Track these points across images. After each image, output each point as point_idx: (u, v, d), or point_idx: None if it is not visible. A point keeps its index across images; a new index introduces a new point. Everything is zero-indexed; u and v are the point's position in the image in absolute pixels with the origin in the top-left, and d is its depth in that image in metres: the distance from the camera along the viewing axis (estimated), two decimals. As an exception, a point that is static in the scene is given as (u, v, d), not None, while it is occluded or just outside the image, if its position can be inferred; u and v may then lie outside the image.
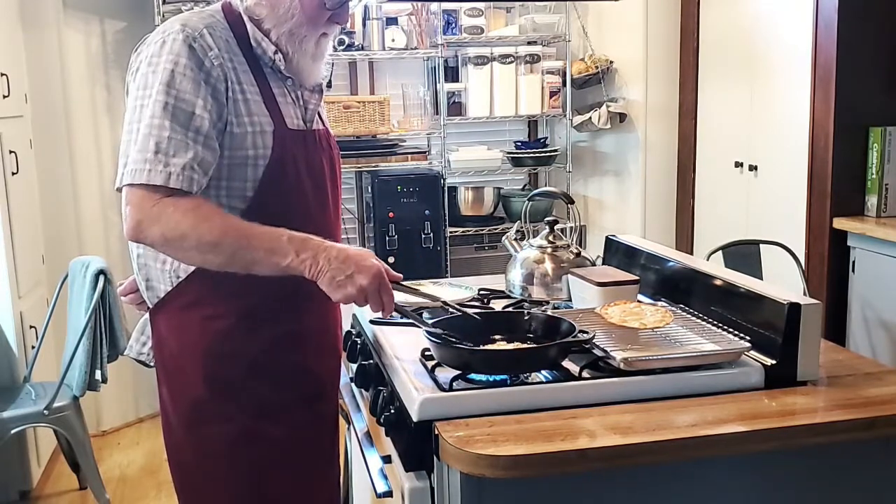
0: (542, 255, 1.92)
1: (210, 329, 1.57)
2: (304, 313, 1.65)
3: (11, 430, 2.93)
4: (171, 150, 1.45)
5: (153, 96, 1.47)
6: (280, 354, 1.61)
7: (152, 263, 1.59)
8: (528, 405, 1.39)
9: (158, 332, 1.63)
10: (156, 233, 1.45)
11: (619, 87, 4.31)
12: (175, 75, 1.47)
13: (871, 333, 3.09)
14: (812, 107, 3.28)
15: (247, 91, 1.54)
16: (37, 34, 3.66)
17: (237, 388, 1.59)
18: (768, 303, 1.53)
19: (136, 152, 1.46)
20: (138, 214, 1.45)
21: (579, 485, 1.31)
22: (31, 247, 3.49)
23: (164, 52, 1.49)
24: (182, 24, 1.51)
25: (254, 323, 1.58)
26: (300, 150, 1.60)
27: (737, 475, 1.38)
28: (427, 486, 1.36)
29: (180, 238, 1.44)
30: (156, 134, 1.45)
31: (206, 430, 1.60)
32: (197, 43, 1.49)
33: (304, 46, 1.61)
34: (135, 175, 1.45)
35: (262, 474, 1.62)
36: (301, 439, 1.66)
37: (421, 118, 4.22)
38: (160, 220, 1.44)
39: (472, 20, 4.19)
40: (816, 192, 3.29)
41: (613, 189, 4.43)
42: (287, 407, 1.63)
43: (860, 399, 1.43)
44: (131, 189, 1.46)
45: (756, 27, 3.68)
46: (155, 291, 1.60)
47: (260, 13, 1.57)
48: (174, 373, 1.62)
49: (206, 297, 1.56)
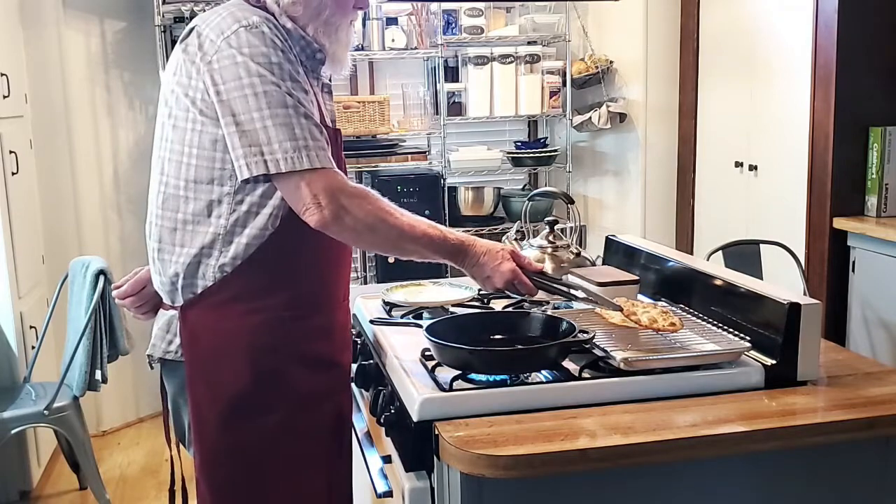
0: (542, 255, 1.92)
1: (253, 322, 1.57)
2: (335, 307, 1.67)
3: (11, 430, 2.93)
4: (311, 135, 1.49)
5: (271, 85, 1.47)
6: (315, 346, 1.63)
7: (191, 260, 1.57)
8: (528, 405, 1.39)
9: (191, 328, 1.61)
10: (346, 224, 1.51)
11: (619, 87, 4.31)
12: (283, 66, 1.48)
13: (871, 333, 3.09)
14: (812, 107, 3.28)
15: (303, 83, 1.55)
16: (37, 34, 3.66)
17: (281, 379, 1.59)
18: (768, 303, 1.53)
19: (282, 141, 1.47)
20: (333, 206, 1.48)
21: (579, 485, 1.31)
22: (31, 247, 3.49)
23: (256, 42, 1.48)
24: (259, 17, 1.51)
25: (294, 315, 1.59)
26: (335, 150, 1.62)
27: (737, 475, 1.38)
28: (427, 486, 1.36)
29: (357, 236, 1.55)
30: (296, 122, 1.48)
31: (246, 423, 1.60)
32: (278, 37, 1.51)
33: (339, 35, 1.63)
34: (294, 162, 1.47)
35: (299, 467, 1.62)
36: (330, 431, 1.67)
37: (421, 118, 4.22)
38: (349, 211, 1.50)
39: (472, 20, 4.19)
40: (816, 192, 3.29)
41: (613, 189, 4.44)
42: (320, 398, 1.64)
43: (860, 399, 1.43)
44: (312, 177, 1.48)
45: (756, 27, 3.68)
46: (191, 288, 1.59)
47: (296, 11, 1.57)
48: (213, 369, 1.60)
49: (249, 290, 1.57)
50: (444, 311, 1.83)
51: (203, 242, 1.55)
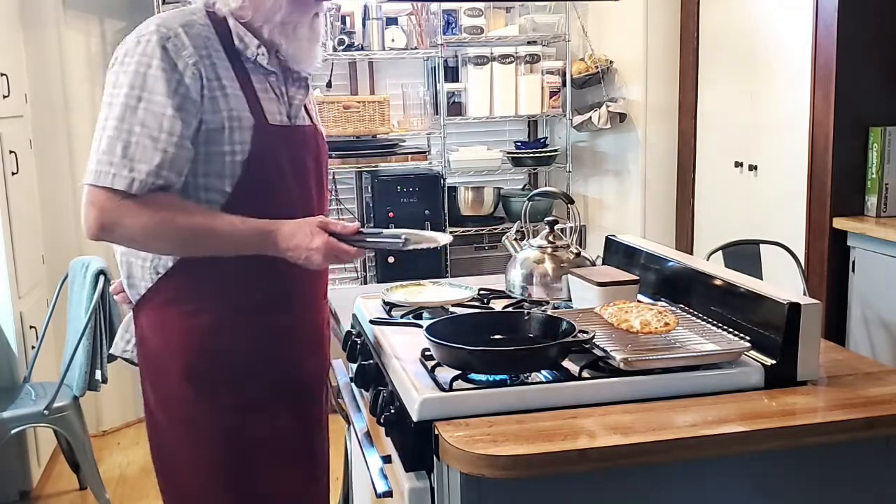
0: (542, 255, 1.92)
1: (191, 325, 1.56)
2: (291, 308, 1.65)
3: (11, 430, 2.93)
4: (138, 154, 1.46)
5: (122, 97, 1.48)
6: (267, 352, 1.61)
7: (133, 260, 1.60)
8: (528, 405, 1.39)
9: (140, 329, 1.63)
10: (115, 237, 1.50)
11: (619, 87, 4.31)
12: (147, 77, 1.48)
13: (871, 333, 3.09)
14: (812, 107, 3.28)
15: (227, 87, 1.54)
16: (37, 34, 3.66)
17: (220, 387, 1.58)
18: (768, 303, 1.53)
19: (102, 153, 1.48)
20: (101, 218, 1.47)
21: (579, 485, 1.31)
22: (31, 247, 3.49)
23: (137, 52, 1.50)
24: (157, 25, 1.52)
25: (238, 318, 1.58)
26: (282, 147, 1.59)
27: (737, 475, 1.38)
28: (427, 486, 1.36)
29: (139, 246, 1.54)
30: (124, 137, 1.47)
31: (190, 427, 1.60)
32: (170, 43, 1.50)
33: (298, 33, 1.61)
34: (99, 177, 1.46)
35: (249, 472, 1.62)
36: (288, 439, 1.66)
37: (421, 118, 4.22)
38: (120, 226, 1.48)
39: (472, 20, 4.18)
40: (816, 192, 3.29)
41: (613, 189, 4.43)
42: (274, 406, 1.63)
43: (860, 399, 1.43)
44: (94, 189, 1.48)
45: (756, 27, 3.68)
46: (136, 289, 1.61)
47: (245, 14, 1.57)
48: (156, 371, 1.62)
49: (186, 292, 1.57)
50: (444, 311, 1.83)
51: None
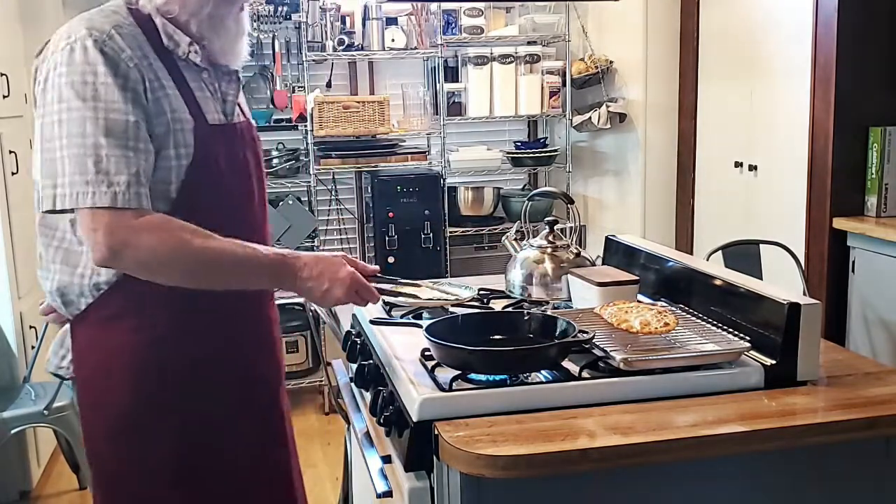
0: (542, 255, 1.92)
1: (137, 342, 1.50)
2: (240, 317, 1.60)
3: (11, 430, 2.93)
4: (112, 167, 1.39)
5: (76, 111, 1.39)
6: (219, 361, 1.57)
7: (67, 278, 1.51)
8: (528, 405, 1.39)
9: (79, 346, 1.55)
10: (126, 262, 1.42)
11: (618, 87, 4.31)
12: (97, 87, 1.40)
13: (871, 333, 3.09)
14: (812, 107, 3.27)
15: (167, 87, 1.48)
16: (37, 34, 3.65)
17: (170, 406, 1.53)
18: (768, 303, 1.53)
19: (72, 174, 1.39)
20: (110, 241, 1.39)
21: (579, 485, 1.31)
22: (31, 247, 3.46)
23: (75, 60, 1.41)
24: (88, 28, 1.43)
25: (186, 332, 1.53)
26: (222, 146, 1.55)
27: (737, 475, 1.38)
28: (427, 486, 1.36)
29: (149, 273, 1.44)
30: (92, 153, 1.38)
31: (131, 447, 1.53)
32: (108, 46, 1.42)
33: (226, 26, 1.57)
34: (78, 198, 1.38)
35: (206, 489, 1.58)
36: (250, 454, 1.62)
37: (421, 118, 4.22)
38: (131, 247, 1.40)
39: (472, 20, 4.19)
40: (816, 192, 3.29)
41: (613, 189, 4.43)
42: (232, 420, 1.59)
43: (860, 399, 1.43)
44: (94, 212, 1.39)
45: (756, 27, 3.68)
46: (75, 304, 1.52)
47: (172, 9, 1.51)
48: (99, 390, 1.54)
49: (131, 308, 1.50)
50: (444, 311, 1.83)
51: (75, 261, 1.50)
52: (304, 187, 4.16)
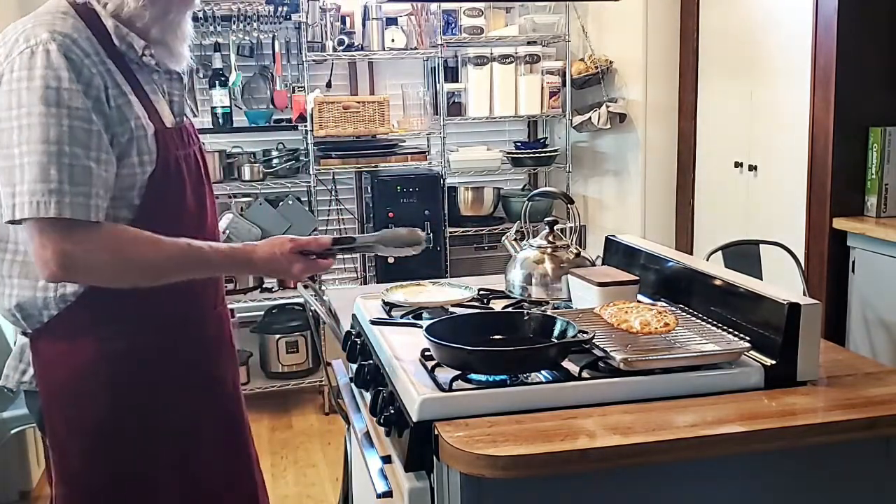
0: (542, 255, 1.92)
1: (109, 351, 1.48)
2: (202, 320, 1.62)
3: (11, 430, 2.93)
4: (76, 177, 1.34)
5: (38, 117, 1.33)
6: (191, 368, 1.58)
7: (29, 293, 1.47)
8: (528, 405, 1.39)
9: (43, 360, 1.50)
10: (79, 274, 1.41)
11: (618, 87, 4.31)
12: (61, 92, 1.35)
13: (871, 333, 3.09)
14: (812, 107, 3.27)
15: (127, 94, 1.46)
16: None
17: (147, 414, 1.52)
18: (768, 303, 1.53)
19: (33, 182, 1.33)
20: (60, 257, 1.35)
21: (579, 485, 1.31)
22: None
23: (37, 64, 1.35)
24: (49, 32, 1.38)
25: (155, 338, 1.52)
26: (180, 150, 1.54)
27: (737, 475, 1.38)
28: (427, 487, 1.36)
29: (107, 280, 1.43)
30: (55, 161, 1.33)
31: (110, 458, 1.51)
32: (72, 52, 1.38)
33: (183, 30, 1.57)
34: (39, 208, 1.32)
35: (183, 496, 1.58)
36: (223, 452, 1.64)
37: (421, 118, 4.22)
38: (85, 261, 1.37)
39: (472, 20, 4.18)
40: (816, 192, 3.29)
41: (613, 189, 4.43)
42: (201, 420, 1.60)
43: (860, 399, 1.43)
44: (41, 224, 1.34)
45: (756, 27, 3.68)
46: (36, 318, 1.48)
47: (143, 16, 1.48)
48: (71, 402, 1.50)
49: (100, 318, 1.48)
50: (444, 311, 1.83)
51: (36, 273, 1.43)
52: (304, 187, 4.16)
